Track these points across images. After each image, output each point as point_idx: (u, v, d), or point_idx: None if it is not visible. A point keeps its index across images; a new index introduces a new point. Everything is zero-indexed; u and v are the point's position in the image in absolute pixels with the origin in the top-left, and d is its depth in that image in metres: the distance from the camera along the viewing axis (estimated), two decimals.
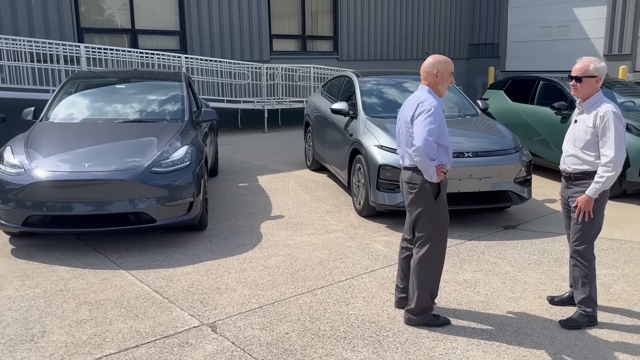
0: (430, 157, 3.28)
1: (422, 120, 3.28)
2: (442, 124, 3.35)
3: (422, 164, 3.33)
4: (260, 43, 13.90)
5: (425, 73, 3.44)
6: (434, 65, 3.41)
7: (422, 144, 3.25)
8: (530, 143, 8.05)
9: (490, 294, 4.07)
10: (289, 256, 4.82)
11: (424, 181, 3.38)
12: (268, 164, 8.92)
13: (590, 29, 16.06)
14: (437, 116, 3.28)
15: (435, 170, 3.32)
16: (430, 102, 3.31)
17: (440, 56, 3.45)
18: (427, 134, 3.24)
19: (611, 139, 3.28)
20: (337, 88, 7.82)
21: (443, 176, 3.40)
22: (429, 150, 3.26)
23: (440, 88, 3.43)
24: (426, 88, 3.44)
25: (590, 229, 3.48)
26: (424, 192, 3.40)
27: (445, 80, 3.41)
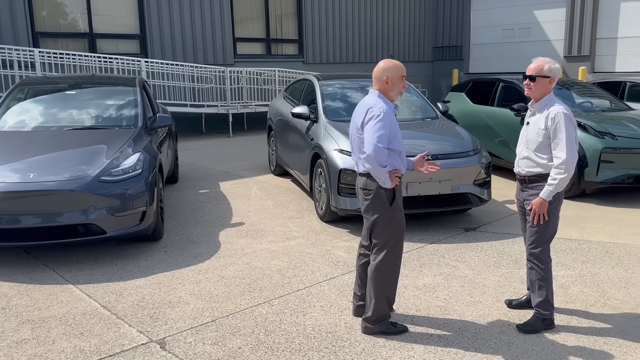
0: (381, 163, 3.21)
1: (372, 126, 3.21)
2: (394, 129, 3.29)
3: (374, 171, 3.26)
4: (224, 46, 13.71)
5: (375, 79, 3.38)
6: (384, 71, 3.34)
7: (372, 151, 3.18)
8: (490, 144, 8.10)
9: (449, 299, 4.02)
10: (247, 265, 4.69)
11: (378, 187, 3.31)
12: (231, 170, 8.75)
13: (550, 31, 16.39)
14: (387, 121, 3.22)
15: (388, 177, 3.25)
16: (379, 108, 3.24)
17: (391, 61, 3.38)
18: (376, 140, 3.18)
19: (563, 140, 3.26)
20: (299, 92, 7.73)
21: (398, 181, 3.33)
22: (380, 156, 3.19)
23: (392, 94, 3.36)
24: (376, 92, 3.37)
25: (546, 231, 3.46)
26: (379, 198, 3.33)
27: (396, 86, 3.35)
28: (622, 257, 4.82)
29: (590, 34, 15.24)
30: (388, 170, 3.27)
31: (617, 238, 5.35)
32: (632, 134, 6.76)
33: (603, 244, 5.18)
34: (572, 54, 15.44)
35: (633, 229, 5.62)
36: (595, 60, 15.25)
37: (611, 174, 6.60)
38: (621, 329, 3.53)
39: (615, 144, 6.62)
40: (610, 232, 5.53)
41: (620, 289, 4.15)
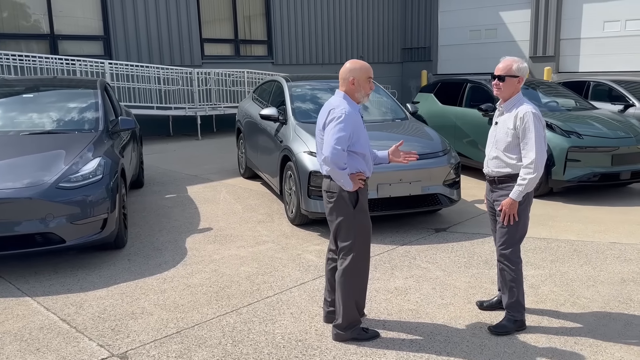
0: (339, 166, 3.15)
1: (332, 127, 3.14)
2: (357, 131, 3.21)
3: (333, 174, 3.19)
4: (191, 47, 13.48)
5: (341, 80, 3.30)
6: (350, 72, 3.27)
7: (329, 153, 3.12)
8: (459, 145, 8.14)
9: (420, 302, 3.97)
10: (214, 272, 4.55)
11: (341, 190, 3.24)
12: (199, 173, 8.57)
13: (516, 32, 16.65)
14: (348, 123, 3.14)
15: (347, 179, 3.19)
16: (341, 109, 3.17)
17: (357, 62, 3.31)
18: (335, 142, 3.11)
19: (532, 140, 3.24)
20: (268, 93, 7.61)
21: (361, 184, 3.26)
22: (338, 159, 3.12)
23: (358, 95, 3.29)
24: (342, 94, 3.30)
25: (516, 232, 3.44)
26: (343, 201, 3.25)
27: (362, 87, 3.28)
28: (589, 256, 4.85)
29: (554, 35, 15.54)
30: (349, 172, 3.19)
31: (584, 236, 5.40)
32: (598, 132, 6.86)
33: (571, 243, 5.22)
34: (537, 54, 15.71)
35: (599, 227, 5.69)
36: (559, 60, 15.56)
37: (578, 172, 6.68)
38: (591, 328, 3.53)
39: (582, 142, 6.71)
40: (577, 231, 5.58)
41: (589, 287, 4.17)
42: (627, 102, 8.89)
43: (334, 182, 3.25)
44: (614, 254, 4.86)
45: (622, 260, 4.72)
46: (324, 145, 3.17)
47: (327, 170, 3.21)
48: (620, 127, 7.05)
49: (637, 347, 3.27)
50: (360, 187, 3.26)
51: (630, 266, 4.57)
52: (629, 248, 5.01)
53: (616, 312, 3.74)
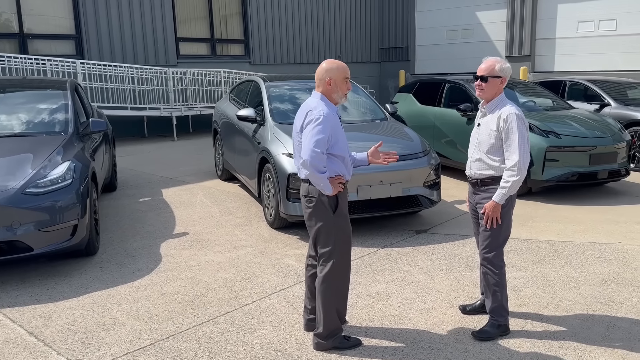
0: (318, 169, 3.04)
1: (310, 130, 3.04)
2: (336, 133, 3.11)
3: (312, 177, 3.09)
4: (166, 47, 13.23)
5: (318, 80, 3.20)
6: (326, 72, 3.17)
7: (308, 156, 3.01)
8: (438, 145, 8.11)
9: (402, 307, 3.89)
10: (190, 279, 4.40)
11: (320, 194, 3.13)
12: (175, 175, 8.38)
13: (492, 32, 16.77)
14: (326, 125, 3.04)
15: (327, 183, 3.09)
16: (319, 111, 3.07)
17: (334, 61, 3.21)
18: (313, 145, 3.01)
19: (515, 142, 3.18)
20: (245, 93, 7.47)
21: (340, 188, 3.16)
22: (317, 162, 3.02)
23: (335, 96, 3.20)
24: (319, 95, 3.19)
25: (499, 235, 3.38)
26: (322, 206, 3.15)
27: (339, 88, 3.18)
28: (570, 256, 4.84)
29: (530, 35, 15.69)
30: (328, 176, 3.10)
31: (564, 236, 5.40)
32: (575, 132, 6.89)
33: (552, 243, 5.20)
34: (513, 54, 15.84)
35: (578, 227, 5.69)
36: (535, 60, 15.71)
37: (556, 172, 6.70)
38: (575, 331, 3.49)
39: (560, 142, 6.73)
40: (557, 231, 5.58)
41: (571, 289, 4.14)
42: (603, 101, 8.98)
43: (313, 186, 3.14)
44: (594, 255, 4.86)
45: (603, 260, 4.71)
46: (302, 148, 3.06)
47: (306, 174, 3.11)
48: (597, 126, 7.09)
49: (621, 351, 3.24)
50: (340, 190, 3.16)
51: (610, 266, 4.56)
52: (608, 248, 5.02)
53: (599, 314, 3.71)
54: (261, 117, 6.27)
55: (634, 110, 8.55)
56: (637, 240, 5.22)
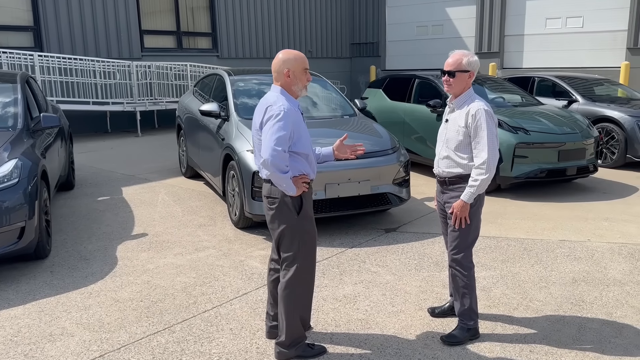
0: (280, 169, 2.85)
1: (270, 127, 2.84)
2: (298, 129, 2.93)
3: (273, 178, 2.90)
4: (130, 39, 12.80)
5: (276, 73, 2.99)
6: (284, 63, 2.97)
7: (268, 155, 2.81)
8: (408, 141, 8.00)
9: (370, 310, 3.74)
10: (147, 284, 4.16)
11: (283, 195, 2.94)
12: (137, 173, 8.07)
13: (462, 28, 16.80)
14: (288, 121, 2.85)
15: (290, 183, 2.90)
16: (279, 106, 2.87)
17: (290, 52, 3.01)
18: (274, 143, 2.81)
19: (484, 139, 3.05)
20: (209, 88, 7.21)
21: (305, 187, 2.98)
22: (278, 161, 2.82)
23: (295, 88, 3.00)
24: (278, 89, 2.99)
25: (468, 235, 3.25)
26: (285, 207, 2.96)
27: (299, 79, 2.98)
28: (540, 254, 4.77)
29: (499, 31, 15.77)
30: (291, 176, 2.91)
31: (533, 234, 5.34)
32: (544, 128, 6.86)
33: (521, 241, 5.13)
34: (482, 50, 15.90)
35: (547, 224, 5.64)
36: (504, 56, 15.80)
37: (525, 168, 6.65)
38: (545, 333, 3.39)
39: (529, 138, 6.68)
40: (526, 228, 5.51)
41: (541, 289, 4.06)
42: (571, 97, 9.02)
43: (275, 186, 2.95)
44: (563, 253, 4.80)
45: (572, 259, 4.66)
46: (263, 147, 2.86)
47: (267, 174, 2.91)
48: (566, 122, 7.08)
49: (592, 354, 3.15)
50: (304, 190, 2.98)
51: (580, 265, 4.50)
52: (577, 246, 4.97)
53: (569, 315, 3.63)
54: (225, 112, 6.04)
55: (601, 106, 8.61)
56: (605, 237, 5.19)
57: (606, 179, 7.64)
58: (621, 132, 8.19)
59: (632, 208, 6.15)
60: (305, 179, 2.98)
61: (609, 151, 8.40)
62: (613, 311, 3.67)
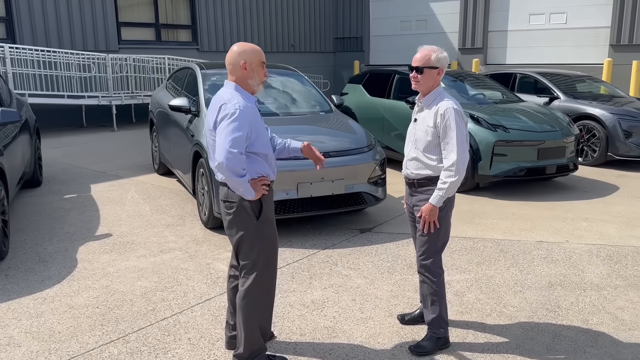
0: (237, 172, 2.65)
1: (225, 127, 2.64)
2: (256, 128, 2.74)
3: (229, 182, 2.71)
4: (106, 31, 12.47)
5: (231, 66, 2.79)
6: (240, 55, 2.77)
7: (223, 158, 2.61)
8: (387, 138, 7.85)
9: (338, 317, 3.57)
10: (105, 289, 3.95)
11: (241, 199, 2.75)
12: (108, 169, 7.82)
13: (445, 24, 16.67)
14: (244, 120, 2.66)
15: (248, 187, 2.71)
16: (234, 104, 2.67)
17: (246, 44, 2.82)
18: (229, 145, 2.61)
19: (453, 139, 2.89)
20: (181, 82, 6.97)
21: (265, 190, 2.79)
22: (234, 164, 2.63)
23: (251, 82, 2.80)
24: (232, 84, 2.80)
25: (437, 240, 3.09)
26: (244, 212, 2.78)
27: (256, 73, 2.79)
28: (516, 257, 4.64)
29: (482, 27, 15.66)
30: (249, 178, 2.72)
31: (511, 234, 5.21)
32: (524, 126, 6.74)
33: (497, 242, 5.00)
34: (466, 46, 15.80)
35: (525, 224, 5.53)
36: (487, 52, 15.71)
37: (504, 167, 6.53)
38: (519, 342, 3.26)
39: (508, 136, 6.55)
40: (504, 229, 5.39)
41: (516, 293, 3.93)
42: (552, 94, 8.92)
43: (232, 190, 2.76)
44: (540, 255, 4.68)
45: (549, 261, 4.53)
46: (217, 149, 2.65)
47: (222, 178, 2.71)
48: (546, 120, 6.97)
49: None
50: (263, 193, 2.79)
51: (557, 268, 4.38)
52: (555, 247, 4.85)
53: (544, 322, 3.50)
54: (196, 108, 5.82)
55: (582, 103, 8.52)
56: (584, 238, 5.08)
57: (586, 177, 7.56)
58: (602, 129, 8.12)
59: (612, 208, 6.06)
60: (264, 181, 2.80)
61: (590, 149, 8.32)
62: (589, 318, 3.55)
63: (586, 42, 14.38)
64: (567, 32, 14.64)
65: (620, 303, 3.75)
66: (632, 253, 4.68)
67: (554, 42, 14.82)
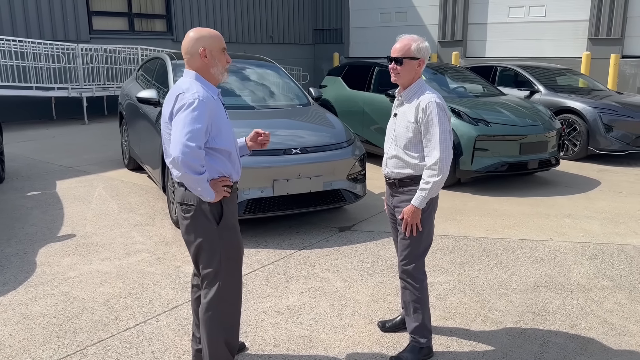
0: (194, 169, 2.37)
1: (181, 119, 2.37)
2: (217, 121, 2.47)
3: (186, 180, 2.43)
4: (77, 20, 12.00)
5: (188, 55, 2.52)
6: (197, 41, 2.50)
7: (179, 152, 2.34)
8: (367, 132, 7.64)
9: (315, 324, 3.36)
10: (64, 296, 3.67)
11: (200, 201, 2.50)
12: (76, 164, 7.46)
13: (425, 16, 16.50)
14: (203, 111, 2.39)
15: (207, 187, 2.44)
16: (193, 93, 2.41)
17: (203, 29, 2.54)
18: (186, 137, 2.34)
19: (436, 136, 2.68)
20: (151, 72, 6.65)
21: (227, 192, 2.54)
22: (191, 159, 2.35)
23: (214, 71, 2.53)
24: (192, 73, 2.53)
25: (419, 244, 2.89)
26: (202, 216, 2.52)
27: (218, 61, 2.52)
28: (500, 256, 4.48)
29: (462, 20, 15.53)
30: (209, 178, 2.45)
31: (493, 232, 5.05)
32: (505, 120, 6.59)
33: (480, 240, 4.84)
34: (445, 38, 15.67)
35: (508, 221, 5.38)
36: (467, 45, 15.60)
37: (486, 162, 6.37)
38: (505, 350, 3.08)
39: (489, 131, 6.40)
40: (486, 226, 5.23)
41: (501, 296, 3.76)
42: (533, 87, 8.81)
43: (190, 191, 2.50)
44: (525, 254, 4.52)
45: (534, 260, 4.38)
46: (172, 143, 2.39)
47: (178, 175, 2.44)
48: (528, 114, 6.83)
49: None
50: (225, 196, 2.54)
51: (542, 268, 4.23)
52: (539, 245, 4.71)
53: (531, 327, 3.33)
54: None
55: (563, 97, 8.42)
56: (568, 236, 4.94)
57: (568, 172, 7.47)
58: (583, 123, 8.03)
59: (595, 204, 5.96)
60: (226, 182, 2.53)
61: (571, 143, 8.24)
62: (577, 322, 3.39)
63: (565, 36, 14.35)
64: (546, 25, 14.59)
65: (608, 305, 3.60)
66: (617, 252, 4.55)
67: (534, 35, 14.76)
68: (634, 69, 13.29)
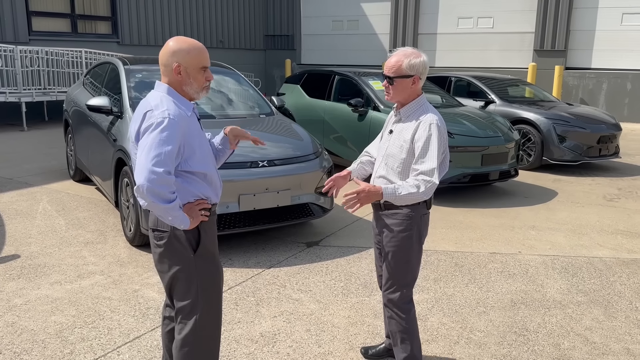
0: (162, 198, 2.10)
1: (149, 141, 2.09)
2: (190, 142, 2.20)
3: (154, 210, 2.16)
4: (15, 21, 11.28)
5: (163, 67, 2.24)
6: (173, 55, 2.20)
7: (144, 180, 2.05)
8: (327, 141, 7.50)
9: (292, 353, 3.14)
10: (10, 327, 3.28)
11: (174, 228, 2.24)
12: (16, 175, 6.91)
13: (377, 25, 16.62)
14: (174, 131, 2.11)
15: (180, 214, 2.16)
16: (162, 111, 2.13)
17: (184, 41, 2.22)
18: (153, 163, 2.06)
19: (434, 152, 2.52)
20: (101, 78, 6.23)
21: (204, 216, 2.28)
22: (159, 187, 2.07)
23: (187, 90, 2.25)
24: (165, 87, 2.25)
25: (406, 272, 2.71)
26: (177, 244, 2.25)
27: (193, 79, 2.22)
28: (472, 271, 4.41)
29: (413, 29, 15.74)
30: (180, 203, 2.16)
31: (462, 246, 5.00)
32: (467, 131, 6.60)
33: (451, 254, 4.76)
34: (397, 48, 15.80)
35: (475, 233, 5.35)
36: None
37: (448, 173, 6.35)
38: None
39: (452, 142, 6.34)
40: (454, 239, 5.18)
41: (480, 315, 3.66)
42: (487, 98, 8.93)
43: None
44: (496, 268, 4.48)
45: (507, 275, 4.33)
46: (137, 168, 2.10)
47: (145, 205, 2.13)
48: (489, 125, 6.88)
49: None
50: (202, 220, 2.29)
51: (516, 283, 4.18)
52: (509, 259, 4.68)
53: (516, 349, 3.24)
54: (118, 108, 5.16)
55: (518, 108, 8.58)
56: (536, 249, 4.95)
57: (524, 182, 7.58)
58: (538, 134, 8.20)
59: (556, 215, 6.04)
60: (203, 205, 2.28)
61: (526, 153, 8.39)
62: (560, 341, 3.33)
63: (512, 47, 14.80)
64: (494, 37, 15.01)
65: (586, 322, 3.58)
66: (585, 265, 4.59)
67: (481, 46, 15.15)
68: (577, 80, 13.87)
